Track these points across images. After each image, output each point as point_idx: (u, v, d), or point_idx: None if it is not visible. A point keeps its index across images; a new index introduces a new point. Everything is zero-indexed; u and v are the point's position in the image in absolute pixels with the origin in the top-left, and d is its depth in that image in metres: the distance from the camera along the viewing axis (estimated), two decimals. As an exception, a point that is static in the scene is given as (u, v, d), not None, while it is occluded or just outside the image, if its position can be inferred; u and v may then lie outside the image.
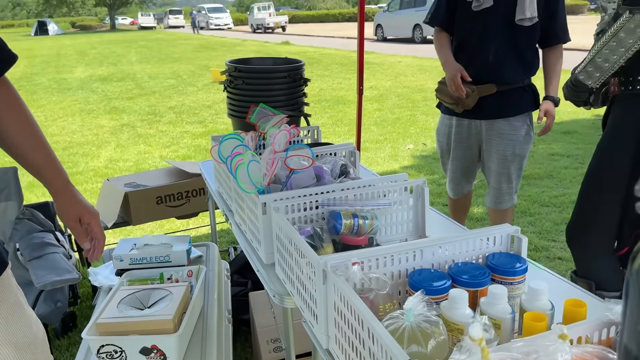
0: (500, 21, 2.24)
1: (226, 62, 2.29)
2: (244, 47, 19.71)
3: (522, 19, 2.21)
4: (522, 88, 2.33)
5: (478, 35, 2.29)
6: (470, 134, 2.42)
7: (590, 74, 1.86)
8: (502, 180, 2.42)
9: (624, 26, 1.72)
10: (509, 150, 2.35)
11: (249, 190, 1.37)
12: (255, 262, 1.49)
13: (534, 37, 2.30)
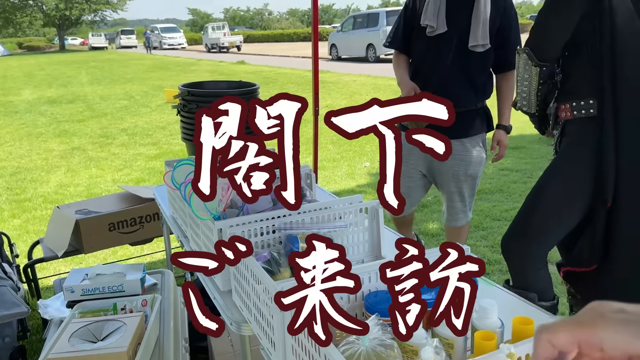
0: (453, 46, 2.30)
1: (179, 86, 2.27)
2: (198, 67, 19.59)
3: (474, 45, 2.28)
4: (475, 110, 2.40)
5: (432, 59, 2.34)
6: (417, 157, 2.45)
7: (524, 104, 1.95)
8: (455, 199, 2.47)
9: (518, 65, 1.88)
10: (462, 171, 2.41)
11: (204, 217, 1.36)
12: (212, 289, 1.47)
13: (488, 62, 2.37)
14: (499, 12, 2.30)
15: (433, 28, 2.28)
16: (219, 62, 21.79)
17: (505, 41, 2.34)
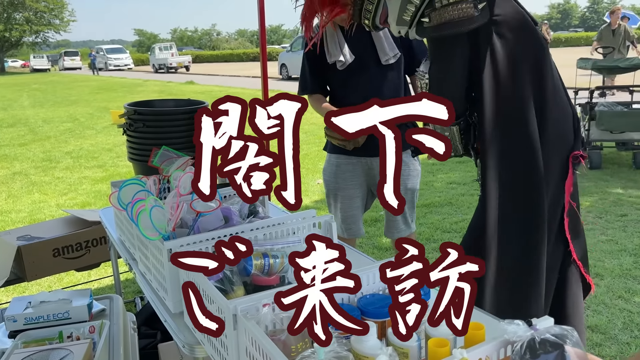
0: (369, 69, 2.33)
1: (125, 105, 2.22)
2: (145, 87, 19.25)
3: (387, 59, 2.32)
4: (405, 125, 2.41)
5: (354, 84, 2.35)
6: (361, 172, 2.45)
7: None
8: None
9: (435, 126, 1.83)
10: (402, 185, 2.42)
11: (153, 237, 1.32)
12: (163, 312, 1.43)
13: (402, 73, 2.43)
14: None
15: (342, 62, 2.30)
16: (167, 83, 21.49)
17: (409, 42, 2.35)
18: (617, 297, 2.85)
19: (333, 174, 2.49)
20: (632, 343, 2.42)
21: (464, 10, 1.51)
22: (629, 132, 5.30)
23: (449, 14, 1.53)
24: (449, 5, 1.52)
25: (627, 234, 3.70)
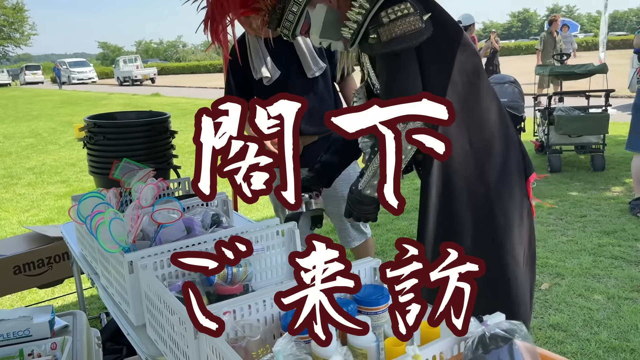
0: (297, 83, 2.30)
1: (85, 118, 2.20)
2: (110, 101, 18.95)
3: (312, 73, 2.30)
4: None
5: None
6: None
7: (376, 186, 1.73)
8: (344, 220, 2.39)
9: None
10: (346, 191, 2.35)
11: (112, 250, 1.31)
12: (125, 325, 1.42)
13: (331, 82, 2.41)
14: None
15: (269, 77, 2.28)
16: (132, 95, 21.21)
17: (332, 53, 2.35)
18: (577, 296, 2.93)
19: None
20: (591, 339, 2.50)
21: (412, 24, 1.47)
22: (586, 136, 5.47)
23: (398, 29, 1.48)
24: (397, 20, 1.48)
25: (586, 234, 3.82)
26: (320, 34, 1.64)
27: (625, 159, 5.92)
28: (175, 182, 2.09)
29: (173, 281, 1.28)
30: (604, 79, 6.49)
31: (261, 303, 1.08)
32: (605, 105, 5.54)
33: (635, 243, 3.59)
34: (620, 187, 4.93)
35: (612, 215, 4.17)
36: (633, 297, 2.87)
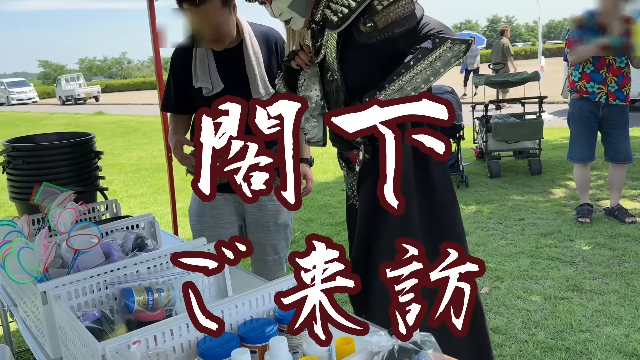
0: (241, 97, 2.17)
1: (2, 142, 2.10)
2: (51, 121, 18.31)
3: (258, 97, 2.11)
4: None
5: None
6: (230, 211, 2.25)
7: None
8: (268, 252, 2.29)
9: (441, 57, 1.58)
10: (272, 222, 2.25)
11: (22, 280, 1.25)
12: (43, 359, 1.34)
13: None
14: (272, 54, 2.20)
15: (209, 89, 2.12)
16: (75, 115, 20.58)
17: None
18: (516, 298, 3.01)
19: (201, 212, 2.24)
20: (529, 341, 2.56)
21: (405, 6, 1.51)
22: (523, 142, 5.67)
23: (394, 13, 1.50)
24: (391, 5, 1.50)
25: (524, 237, 3.94)
26: (289, 4, 1.62)
27: (561, 162, 6.17)
28: (101, 204, 2.02)
29: (88, 311, 1.22)
30: (539, 87, 6.77)
31: (176, 328, 1.05)
32: (539, 112, 5.76)
33: (571, 244, 3.73)
34: (557, 190, 5.12)
35: (549, 217, 4.32)
36: (568, 297, 2.97)
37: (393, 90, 1.61)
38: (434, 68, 1.58)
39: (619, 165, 4.05)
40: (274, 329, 1.07)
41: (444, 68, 1.59)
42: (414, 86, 1.59)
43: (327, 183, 6.34)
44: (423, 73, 1.59)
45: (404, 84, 1.60)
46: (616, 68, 3.78)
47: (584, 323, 2.67)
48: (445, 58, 1.57)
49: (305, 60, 1.80)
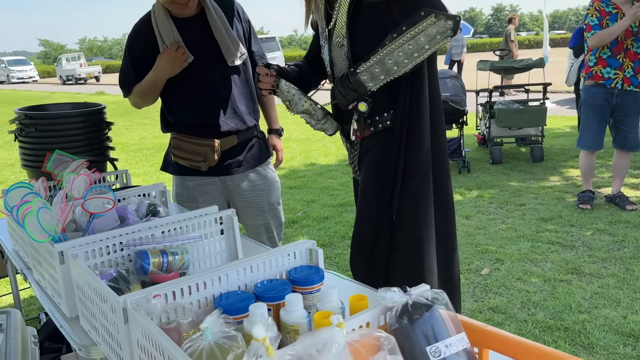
0: (214, 68, 2.08)
1: (15, 110, 2.12)
2: (52, 100, 18.22)
3: (233, 60, 2.08)
4: (257, 137, 2.25)
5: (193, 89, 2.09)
6: (218, 193, 2.23)
7: (375, 76, 1.65)
8: (261, 232, 2.28)
9: (425, 30, 1.57)
10: (265, 201, 2.25)
11: (41, 239, 1.27)
12: (59, 318, 1.37)
13: (249, 75, 2.20)
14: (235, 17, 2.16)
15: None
16: (76, 94, 20.49)
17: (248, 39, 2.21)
18: (516, 280, 3.05)
19: (191, 198, 2.21)
20: (528, 320, 2.61)
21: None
22: (526, 128, 5.69)
23: None
24: None
25: (525, 222, 3.97)
26: None
27: (563, 150, 6.20)
28: (112, 174, 2.04)
29: (105, 270, 1.25)
30: (543, 75, 6.76)
31: (194, 285, 1.08)
32: (543, 99, 5.77)
33: (571, 229, 3.76)
34: (558, 177, 5.15)
35: (550, 203, 4.36)
36: (567, 279, 3.01)
37: (374, 61, 1.63)
38: (417, 43, 1.59)
39: (625, 153, 4.07)
40: (288, 289, 1.10)
41: (429, 44, 1.59)
42: (395, 60, 1.61)
43: (329, 165, 6.36)
44: (405, 46, 1.59)
45: (385, 56, 1.62)
46: (633, 53, 3.77)
47: (583, 304, 2.72)
48: (430, 33, 1.57)
49: (270, 83, 1.80)
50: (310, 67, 1.96)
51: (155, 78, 2.05)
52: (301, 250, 1.23)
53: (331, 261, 3.48)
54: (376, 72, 1.64)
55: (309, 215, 4.49)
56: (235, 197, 2.24)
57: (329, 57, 1.84)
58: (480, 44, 43.47)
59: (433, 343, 0.82)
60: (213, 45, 2.05)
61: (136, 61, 2.10)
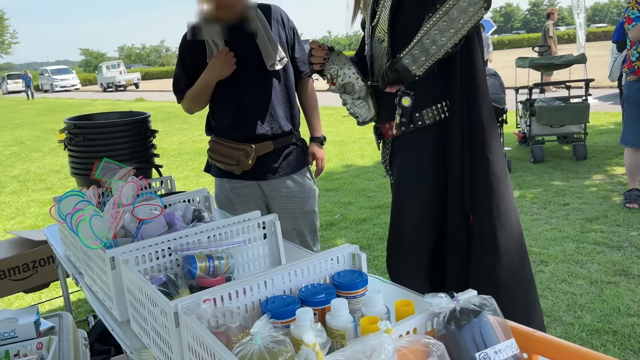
0: (253, 72, 2.13)
1: (64, 120, 2.20)
2: (94, 107, 18.83)
3: (272, 64, 2.12)
4: (295, 144, 2.28)
5: (237, 97, 2.15)
6: (255, 196, 2.27)
7: (416, 58, 1.63)
8: (293, 237, 2.27)
9: (457, 4, 1.56)
10: (298, 209, 2.26)
11: (94, 245, 1.32)
12: (110, 321, 1.42)
13: (290, 81, 2.23)
14: (278, 23, 2.21)
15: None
16: (116, 101, 21.09)
17: (292, 47, 2.24)
18: (561, 282, 2.98)
19: (228, 200, 2.27)
20: (575, 323, 2.54)
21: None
22: (568, 126, 5.54)
23: None
24: None
25: (569, 222, 3.88)
26: None
27: (607, 147, 6.01)
28: (157, 180, 2.10)
29: (155, 275, 1.29)
30: (585, 70, 6.58)
31: (241, 290, 1.10)
32: (586, 95, 5.61)
33: (617, 229, 3.65)
34: (603, 175, 5.00)
35: (595, 202, 4.24)
36: (615, 281, 2.92)
37: (414, 44, 1.62)
38: (450, 18, 1.56)
39: None
40: (333, 293, 1.11)
41: (463, 19, 1.56)
42: (432, 38, 1.60)
43: (365, 167, 6.35)
44: (440, 23, 1.58)
45: (422, 37, 1.61)
46: None
47: (632, 307, 2.64)
48: (462, 6, 1.56)
49: (322, 56, 1.84)
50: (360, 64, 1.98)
51: (206, 81, 2.13)
52: (344, 254, 1.24)
53: (370, 264, 3.48)
54: (416, 53, 1.62)
55: (347, 217, 4.50)
56: (270, 201, 2.29)
57: (370, 53, 1.85)
58: (518, 40, 42.55)
59: (482, 349, 0.81)
60: (254, 49, 2.11)
61: (187, 67, 2.20)
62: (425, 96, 1.74)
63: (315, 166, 2.42)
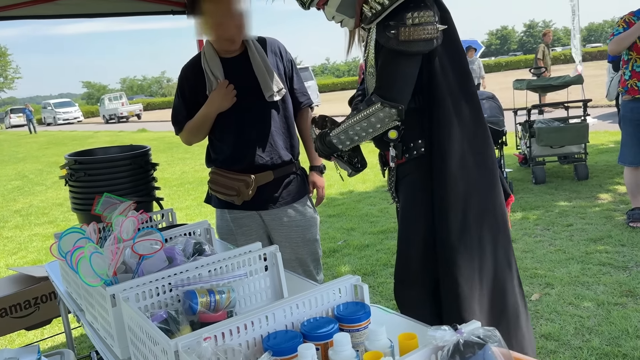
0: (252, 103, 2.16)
1: (65, 156, 2.21)
2: (96, 139, 18.96)
3: (271, 95, 2.14)
4: (295, 173, 2.30)
5: (238, 128, 2.17)
6: (256, 226, 2.28)
7: (342, 142, 1.80)
8: (295, 266, 2.27)
9: (375, 114, 1.69)
10: (299, 237, 2.27)
11: (94, 283, 1.31)
12: (111, 359, 1.40)
13: (289, 111, 2.26)
14: (277, 56, 2.26)
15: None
16: (119, 132, 21.24)
17: (291, 79, 2.28)
18: (567, 304, 2.94)
19: (230, 231, 2.28)
20: (583, 347, 2.50)
21: (430, 32, 1.59)
22: (568, 146, 5.55)
23: (417, 34, 1.59)
24: (419, 25, 1.58)
25: (573, 243, 3.85)
26: (337, 7, 1.73)
27: (608, 166, 6.01)
28: (158, 214, 2.10)
29: (155, 312, 1.28)
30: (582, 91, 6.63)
31: (242, 326, 1.09)
32: (584, 115, 5.64)
33: (622, 248, 3.63)
34: (605, 195, 4.99)
35: (598, 222, 4.21)
36: (622, 302, 2.89)
37: (340, 130, 1.80)
38: (370, 122, 1.73)
39: None
40: (335, 327, 1.09)
41: (380, 124, 1.72)
42: (355, 132, 1.77)
43: (367, 192, 6.35)
44: (362, 123, 1.75)
45: (347, 128, 1.78)
46: None
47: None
48: (380, 116, 1.71)
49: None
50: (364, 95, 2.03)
51: (206, 113, 2.16)
52: (346, 286, 1.23)
53: (374, 290, 3.45)
54: (342, 138, 1.80)
55: (350, 243, 4.48)
56: (272, 231, 2.29)
57: (365, 85, 1.88)
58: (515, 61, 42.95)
59: (487, 383, 0.80)
60: (253, 81, 2.14)
61: (186, 99, 2.22)
62: (413, 129, 1.76)
63: (316, 194, 2.42)
